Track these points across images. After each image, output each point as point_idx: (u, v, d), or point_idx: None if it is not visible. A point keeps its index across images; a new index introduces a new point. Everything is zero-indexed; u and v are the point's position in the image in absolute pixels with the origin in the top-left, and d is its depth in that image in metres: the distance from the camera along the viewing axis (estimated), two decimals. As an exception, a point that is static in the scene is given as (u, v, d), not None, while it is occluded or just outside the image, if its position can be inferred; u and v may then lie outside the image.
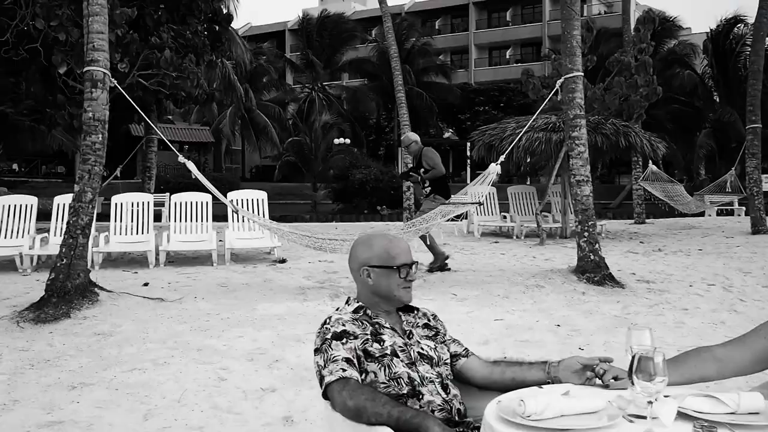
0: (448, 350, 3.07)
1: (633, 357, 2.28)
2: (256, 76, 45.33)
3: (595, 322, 7.71)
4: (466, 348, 3.13)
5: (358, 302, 3.03)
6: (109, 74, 8.26)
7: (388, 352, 2.85)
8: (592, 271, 9.60)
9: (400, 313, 3.08)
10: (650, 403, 2.21)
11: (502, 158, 10.45)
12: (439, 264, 10.52)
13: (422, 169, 10.75)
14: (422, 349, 2.95)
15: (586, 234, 9.84)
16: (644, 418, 2.27)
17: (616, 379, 2.73)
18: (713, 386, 3.02)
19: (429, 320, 3.13)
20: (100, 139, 8.16)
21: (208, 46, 14.88)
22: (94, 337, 6.94)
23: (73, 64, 10.95)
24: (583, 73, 10.24)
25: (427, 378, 2.85)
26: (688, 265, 11.26)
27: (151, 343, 6.73)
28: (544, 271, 10.23)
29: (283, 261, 11.60)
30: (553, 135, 14.80)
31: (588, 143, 10.26)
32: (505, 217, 16.83)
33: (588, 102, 10.53)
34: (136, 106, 8.70)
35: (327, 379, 2.72)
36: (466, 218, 16.61)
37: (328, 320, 2.92)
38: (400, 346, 2.90)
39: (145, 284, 9.35)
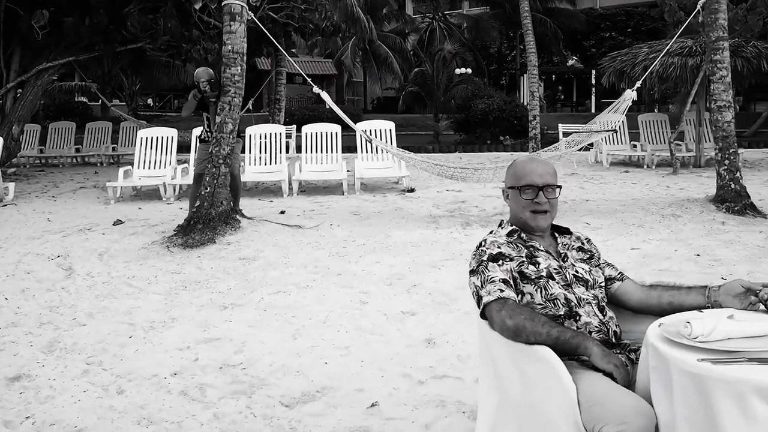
0: (603, 274, 3.06)
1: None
2: (376, 7, 45.06)
3: (737, 252, 7.49)
4: (620, 272, 3.12)
5: (511, 225, 3.03)
6: (246, 7, 8.43)
7: (544, 274, 2.85)
8: (733, 200, 9.27)
9: (556, 234, 3.08)
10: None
11: (638, 84, 10.12)
12: None
13: None
14: (577, 271, 2.94)
15: (726, 162, 9.49)
16: (817, 342, 2.24)
17: None
18: None
19: (583, 243, 3.12)
20: (239, 71, 8.39)
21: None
22: (239, 261, 7.26)
23: (208, 0, 11.19)
24: (726, -7, 9.73)
25: (583, 299, 2.85)
26: (835, 196, 10.72)
27: (293, 268, 6.98)
28: (680, 201, 9.96)
29: (412, 190, 11.70)
30: (689, 59, 14.21)
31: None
32: (635, 145, 16.37)
33: (729, 23, 10.00)
34: (273, 39, 8.86)
35: (485, 299, 2.75)
36: (593, 147, 16.22)
37: (483, 243, 2.94)
38: (555, 269, 2.89)
39: (282, 212, 9.65)
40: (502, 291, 2.75)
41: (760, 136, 26.34)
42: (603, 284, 3.01)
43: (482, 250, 2.91)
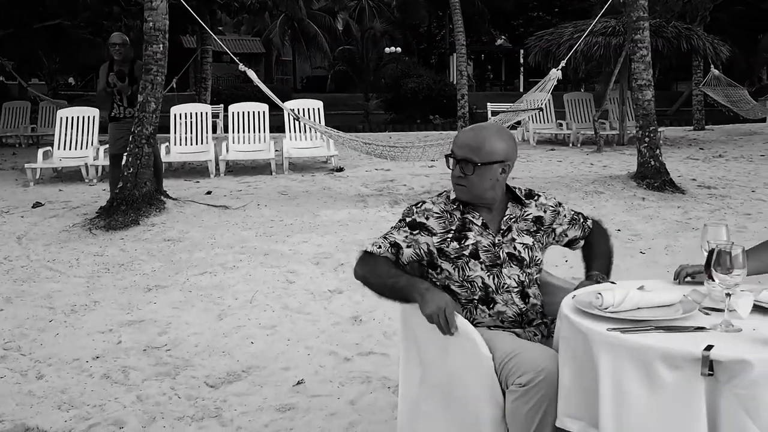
0: (567, 237, 3.01)
1: (711, 251, 2.31)
2: (305, -16, 44.73)
3: (655, 227, 7.71)
4: (584, 229, 3.06)
5: None
6: (168, -17, 8.29)
7: (467, 252, 2.78)
8: (653, 176, 9.51)
9: (510, 204, 2.91)
10: (728, 295, 2.25)
11: (563, 63, 10.27)
12: None
13: (135, 86, 8.45)
14: (515, 248, 2.82)
15: (647, 139, 9.73)
16: (720, 311, 2.32)
17: (692, 277, 2.76)
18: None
19: (545, 210, 2.96)
20: (161, 48, 8.25)
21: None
22: (164, 242, 7.17)
23: (129, -25, 10.97)
24: (646, -26, 9.93)
25: (504, 285, 2.79)
26: (750, 171, 11.09)
27: (219, 248, 6.93)
28: (603, 178, 10.17)
29: (340, 169, 11.69)
30: (613, 39, 14.46)
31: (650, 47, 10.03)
32: (560, 124, 16.62)
33: (649, 4, 10.23)
34: (196, 16, 8.72)
35: (364, 247, 2.87)
36: (520, 126, 16.42)
37: (418, 205, 2.89)
38: (485, 246, 2.79)
39: (208, 193, 9.55)
40: (379, 247, 2.81)
41: (681, 114, 27.00)
42: (540, 262, 2.91)
43: (411, 211, 2.88)
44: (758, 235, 7.31)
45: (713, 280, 2.29)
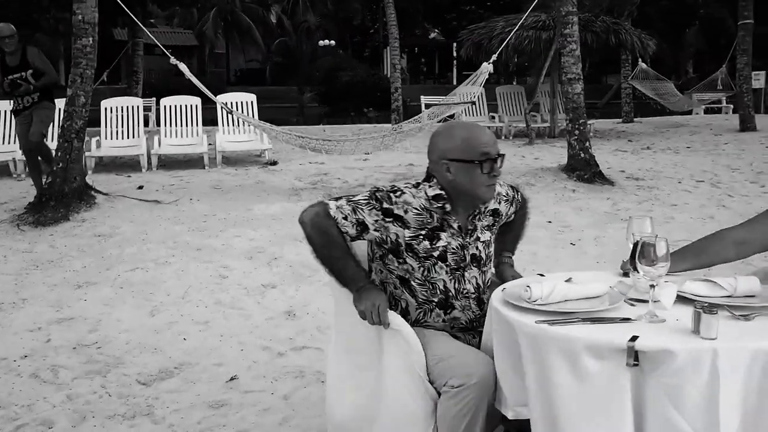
0: (507, 218, 2.99)
1: (636, 243, 2.36)
2: (238, -24, 44.24)
3: (585, 218, 7.86)
4: (516, 207, 3.06)
5: (441, 189, 2.73)
6: (97, -26, 8.11)
7: (436, 254, 2.71)
8: (582, 168, 9.69)
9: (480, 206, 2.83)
10: (652, 287, 2.30)
11: (494, 57, 10.37)
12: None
13: (29, 72, 8.24)
14: (477, 248, 2.80)
15: (576, 132, 9.90)
16: (645, 302, 2.36)
17: None
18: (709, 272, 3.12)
19: (501, 201, 2.93)
20: (91, 42, 8.08)
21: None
22: (94, 238, 7.04)
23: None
24: (575, -31, 10.10)
25: (463, 291, 2.77)
26: (677, 163, 11.37)
27: (150, 244, 6.83)
28: (534, 170, 10.32)
29: (274, 163, 11.62)
30: (543, 33, 14.65)
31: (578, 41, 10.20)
32: (493, 117, 16.79)
33: (578, -1, 10.42)
34: (126, 8, 8.55)
35: (324, 200, 2.73)
36: (453, 118, 16.54)
37: (396, 193, 2.71)
38: (453, 249, 2.74)
39: (140, 187, 9.38)
40: (344, 218, 2.66)
41: (610, 107, 27.53)
42: (493, 257, 2.92)
43: (389, 198, 2.69)
44: (684, 226, 7.53)
45: (638, 272, 2.34)
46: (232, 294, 5.60)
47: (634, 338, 2.09)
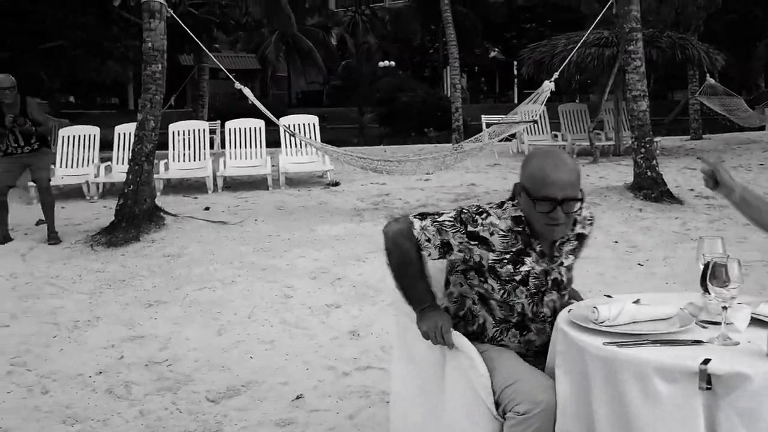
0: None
1: (707, 264, 2.32)
2: (297, 1, 44.86)
3: (653, 238, 7.74)
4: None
5: (522, 211, 2.67)
6: (166, 5, 8.38)
7: (518, 278, 2.66)
8: (649, 187, 9.55)
9: None
10: (724, 308, 2.26)
11: (556, 75, 10.34)
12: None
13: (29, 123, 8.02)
14: (560, 273, 2.73)
15: (643, 150, 9.77)
16: (717, 323, 2.32)
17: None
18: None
19: (585, 225, 2.86)
20: (160, 68, 8.34)
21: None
22: (163, 258, 7.20)
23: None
24: (638, -15, 10.00)
25: (540, 315, 2.73)
26: (749, 180, 11.10)
27: (217, 264, 6.96)
28: (599, 189, 10.21)
29: (336, 184, 11.73)
30: (606, 50, 14.53)
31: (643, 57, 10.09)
32: (556, 135, 16.67)
33: (642, 15, 10.30)
34: (194, 36, 8.79)
35: (410, 216, 2.72)
36: (515, 138, 16.46)
37: (482, 215, 2.67)
38: (536, 273, 2.68)
39: (206, 208, 9.57)
40: (427, 240, 2.65)
41: (677, 123, 27.01)
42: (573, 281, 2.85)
43: (474, 221, 2.65)
44: (758, 246, 7.32)
45: (709, 294, 2.31)
46: (297, 314, 5.66)
47: (706, 361, 2.06)
